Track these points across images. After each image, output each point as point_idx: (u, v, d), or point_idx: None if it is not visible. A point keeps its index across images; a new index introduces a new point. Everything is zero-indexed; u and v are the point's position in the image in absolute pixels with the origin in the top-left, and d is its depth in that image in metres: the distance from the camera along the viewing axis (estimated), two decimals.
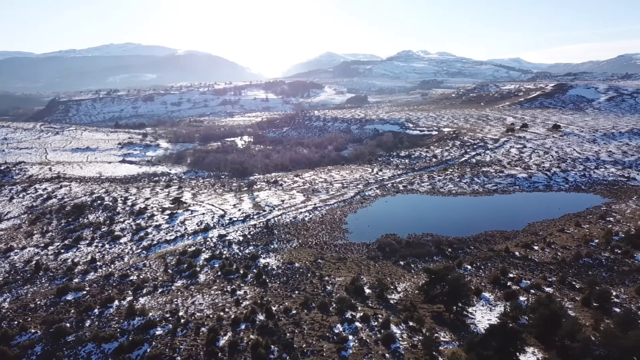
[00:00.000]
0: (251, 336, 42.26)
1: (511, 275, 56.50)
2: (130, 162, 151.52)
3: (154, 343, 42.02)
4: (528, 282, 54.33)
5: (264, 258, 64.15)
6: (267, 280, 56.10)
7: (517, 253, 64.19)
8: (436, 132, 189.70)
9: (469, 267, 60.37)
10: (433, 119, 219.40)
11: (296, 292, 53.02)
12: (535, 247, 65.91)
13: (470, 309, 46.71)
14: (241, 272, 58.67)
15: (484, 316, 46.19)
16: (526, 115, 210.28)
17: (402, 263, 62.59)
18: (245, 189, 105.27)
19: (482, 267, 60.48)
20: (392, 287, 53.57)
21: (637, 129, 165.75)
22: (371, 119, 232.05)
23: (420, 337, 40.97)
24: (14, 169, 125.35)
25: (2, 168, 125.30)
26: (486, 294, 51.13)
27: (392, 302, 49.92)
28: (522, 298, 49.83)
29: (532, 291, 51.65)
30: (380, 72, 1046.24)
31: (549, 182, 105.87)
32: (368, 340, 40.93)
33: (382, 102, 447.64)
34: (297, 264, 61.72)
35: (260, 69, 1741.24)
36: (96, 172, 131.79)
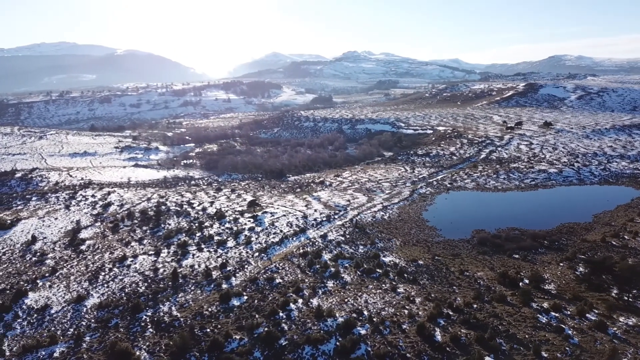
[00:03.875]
0: (462, 330, 43.69)
1: (630, 262, 60.95)
2: (145, 167, 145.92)
3: (368, 342, 42.58)
4: None
5: (384, 257, 65.23)
6: (417, 278, 57.52)
7: (614, 242, 69.00)
8: (431, 131, 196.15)
9: (582, 257, 64.32)
10: (422, 118, 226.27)
11: (454, 287, 54.80)
12: (626, 237, 70.99)
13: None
14: (379, 270, 59.60)
15: None
16: (510, 114, 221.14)
17: (517, 256, 65.66)
18: (298, 190, 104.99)
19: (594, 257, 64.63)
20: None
21: (618, 125, 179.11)
22: (361, 119, 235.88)
23: (622, 322, 44.14)
24: (32, 175, 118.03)
25: (20, 175, 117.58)
26: None
27: (552, 292, 52.82)
28: None
29: None
30: (330, 72, 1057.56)
31: (579, 176, 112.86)
32: (582, 327, 43.46)
33: (349, 102, 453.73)
34: (420, 261, 63.27)
35: (205, 69, 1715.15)
36: (119, 177, 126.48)
